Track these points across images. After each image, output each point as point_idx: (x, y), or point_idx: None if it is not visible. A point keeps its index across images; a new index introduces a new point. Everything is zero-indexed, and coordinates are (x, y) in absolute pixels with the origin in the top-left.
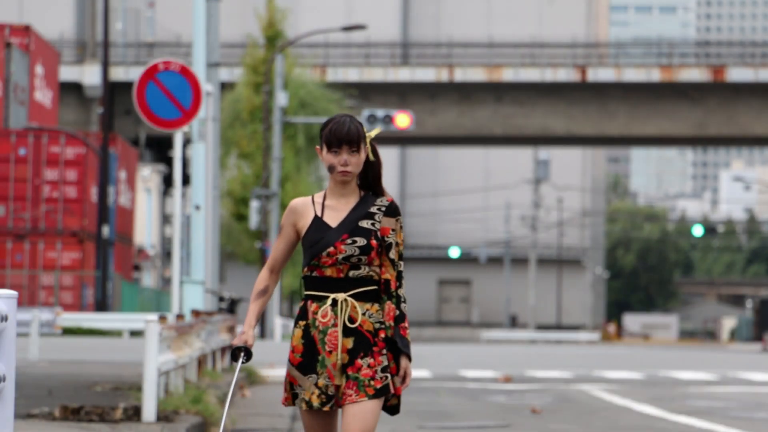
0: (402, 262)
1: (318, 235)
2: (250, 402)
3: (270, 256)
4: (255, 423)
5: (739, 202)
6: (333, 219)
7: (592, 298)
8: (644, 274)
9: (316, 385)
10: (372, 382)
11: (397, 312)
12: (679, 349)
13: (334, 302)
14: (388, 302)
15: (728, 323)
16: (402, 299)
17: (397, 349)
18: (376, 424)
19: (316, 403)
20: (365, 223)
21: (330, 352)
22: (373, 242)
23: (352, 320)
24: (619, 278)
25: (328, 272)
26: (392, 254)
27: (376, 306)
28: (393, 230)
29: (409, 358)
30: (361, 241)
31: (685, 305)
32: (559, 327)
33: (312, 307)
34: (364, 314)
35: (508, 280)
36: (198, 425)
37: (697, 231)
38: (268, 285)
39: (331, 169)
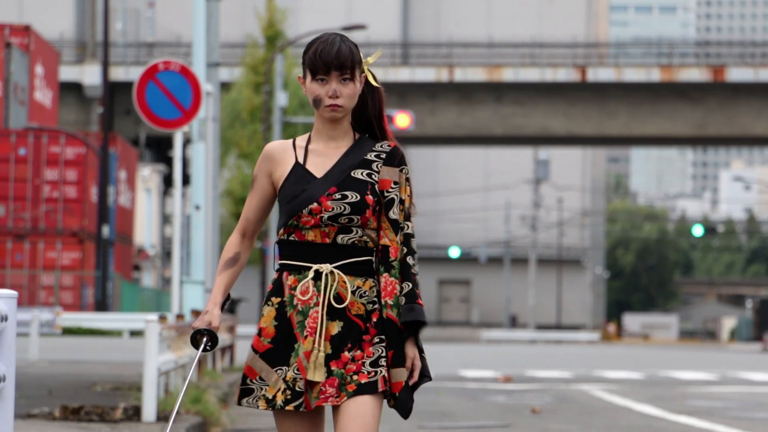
0: (410, 224)
1: (298, 187)
2: None
3: (241, 216)
4: (255, 423)
5: (739, 202)
6: (318, 167)
7: (592, 298)
8: (644, 274)
9: (284, 379)
10: (355, 377)
11: (403, 286)
12: (679, 349)
13: (317, 275)
14: (385, 275)
15: (728, 323)
16: (411, 267)
17: (398, 332)
18: (378, 427)
19: (279, 400)
20: (359, 173)
21: (306, 337)
22: (369, 198)
23: (339, 299)
24: (619, 278)
25: (310, 236)
26: (393, 213)
27: (371, 282)
28: (396, 183)
29: (419, 346)
30: (353, 197)
31: (685, 305)
32: (559, 327)
33: (289, 280)
34: (354, 292)
35: (508, 280)
36: (198, 425)
37: (697, 231)
38: (239, 252)
39: (316, 102)
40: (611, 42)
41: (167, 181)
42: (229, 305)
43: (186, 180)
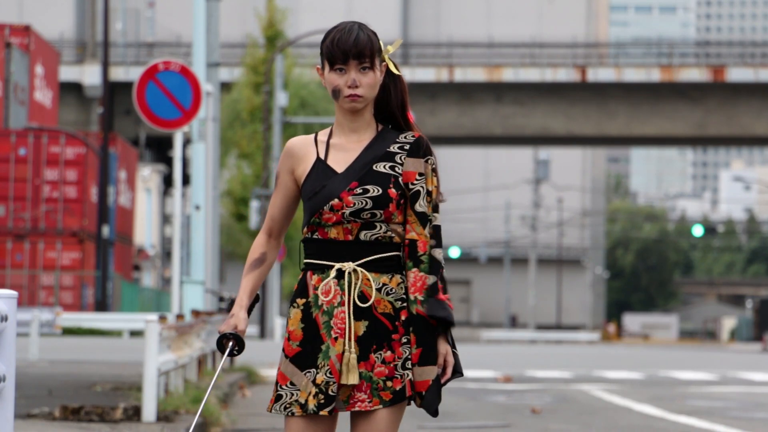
0: (438, 215)
1: (319, 182)
2: (250, 402)
3: (266, 215)
4: (255, 423)
5: (739, 202)
6: (340, 162)
7: (592, 298)
8: (644, 274)
9: (314, 382)
10: (390, 384)
11: (430, 280)
12: (679, 349)
13: (340, 273)
14: (414, 270)
15: (728, 323)
16: (438, 263)
17: (428, 329)
18: None
19: (311, 404)
20: (382, 167)
21: (336, 339)
22: (392, 192)
23: (364, 297)
24: (619, 278)
25: (333, 233)
26: (420, 206)
27: (398, 278)
28: (421, 174)
29: (450, 341)
30: (374, 191)
31: (685, 305)
32: (559, 327)
33: (313, 280)
34: (379, 290)
35: (508, 280)
36: (198, 425)
37: (697, 231)
38: (266, 252)
39: (335, 93)
40: (611, 42)
41: (167, 181)
42: (229, 305)
43: (186, 180)
